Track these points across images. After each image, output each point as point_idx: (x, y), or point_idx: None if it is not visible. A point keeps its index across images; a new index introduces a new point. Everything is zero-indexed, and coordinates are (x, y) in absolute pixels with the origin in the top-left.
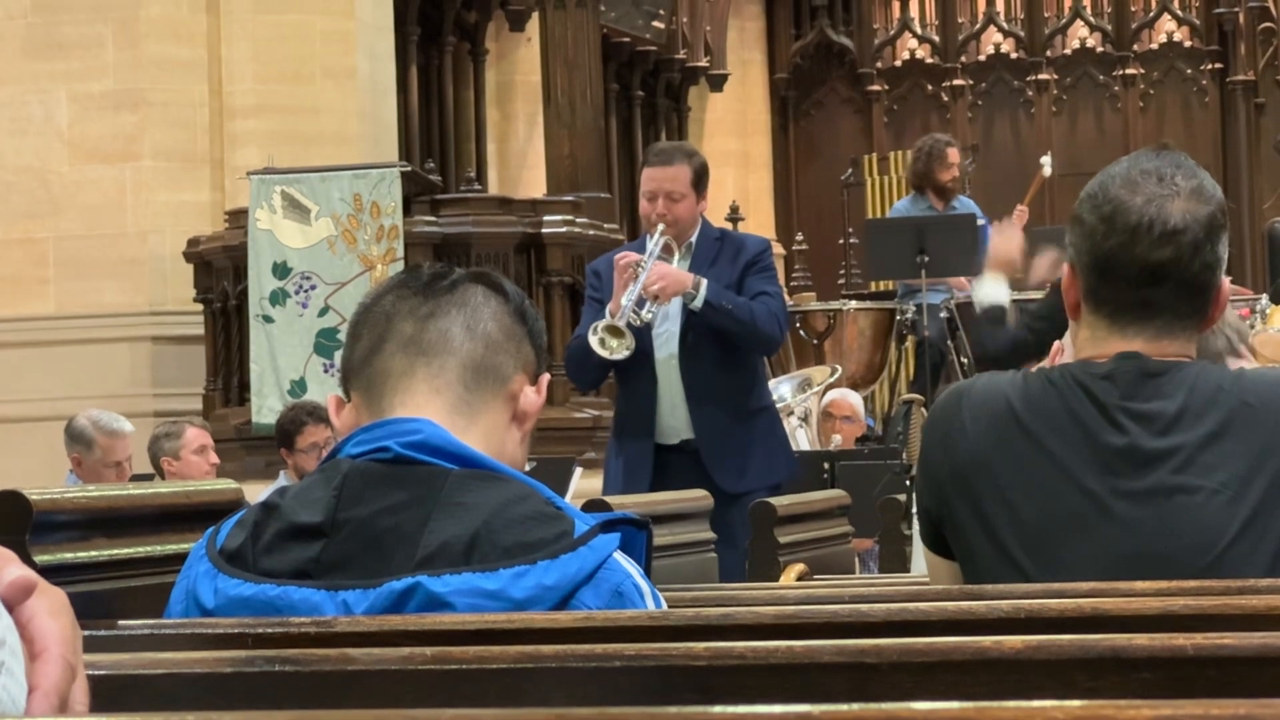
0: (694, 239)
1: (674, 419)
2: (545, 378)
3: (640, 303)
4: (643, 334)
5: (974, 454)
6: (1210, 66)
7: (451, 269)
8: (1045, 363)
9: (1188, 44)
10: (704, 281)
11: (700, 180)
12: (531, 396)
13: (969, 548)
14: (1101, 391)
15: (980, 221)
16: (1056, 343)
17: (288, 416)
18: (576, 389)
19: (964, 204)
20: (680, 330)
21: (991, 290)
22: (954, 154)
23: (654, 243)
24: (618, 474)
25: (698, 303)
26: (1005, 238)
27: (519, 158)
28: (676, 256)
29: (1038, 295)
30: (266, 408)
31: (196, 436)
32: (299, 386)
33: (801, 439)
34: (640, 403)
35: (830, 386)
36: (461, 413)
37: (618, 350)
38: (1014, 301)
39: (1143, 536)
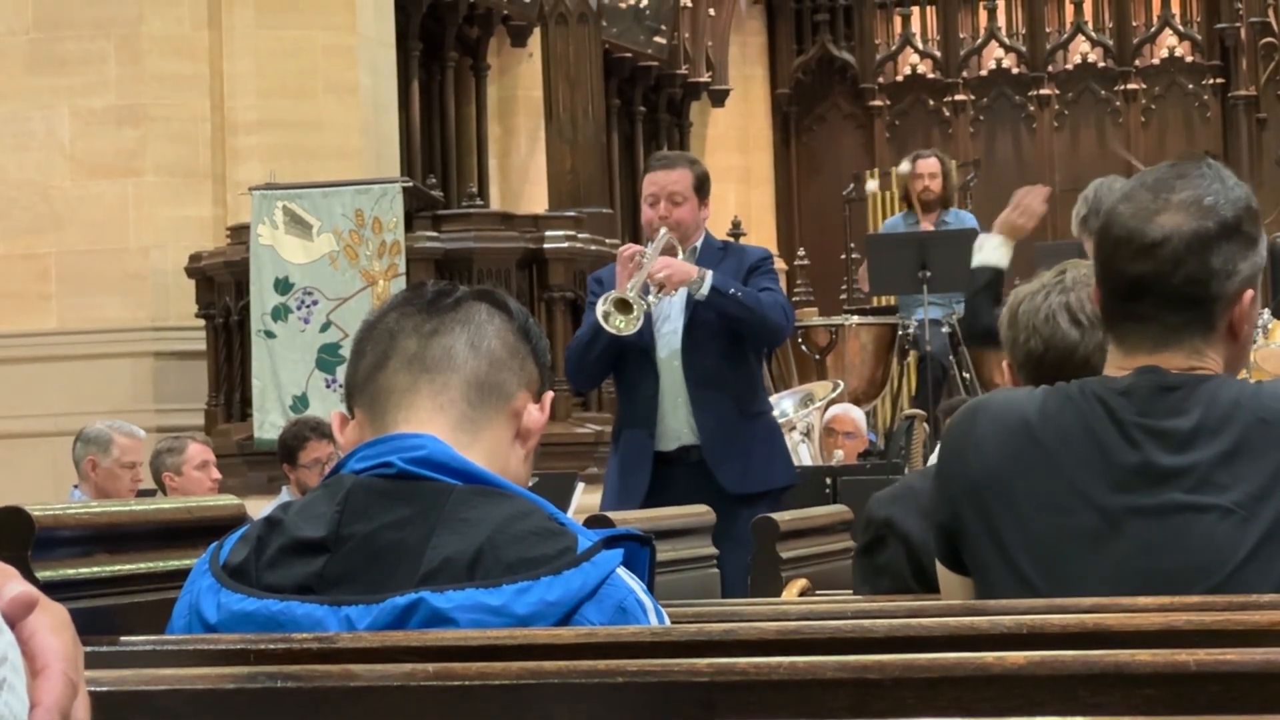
0: (698, 245)
1: (675, 419)
2: (549, 395)
3: (645, 290)
4: (645, 333)
5: (988, 469)
6: (1212, 81)
7: (456, 286)
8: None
9: (1189, 59)
10: (709, 271)
11: (702, 186)
12: (535, 414)
13: (981, 563)
14: (1119, 407)
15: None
16: (1006, 361)
17: (290, 432)
18: (575, 391)
19: (957, 217)
20: (683, 328)
21: (994, 253)
22: (922, 165)
23: (658, 239)
24: (614, 474)
25: (704, 290)
26: (1027, 203)
27: (520, 173)
28: (680, 256)
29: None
30: (268, 423)
31: (199, 452)
32: (301, 402)
33: (803, 454)
34: (642, 403)
35: (832, 402)
36: (465, 429)
37: (626, 328)
38: None
39: (1153, 555)
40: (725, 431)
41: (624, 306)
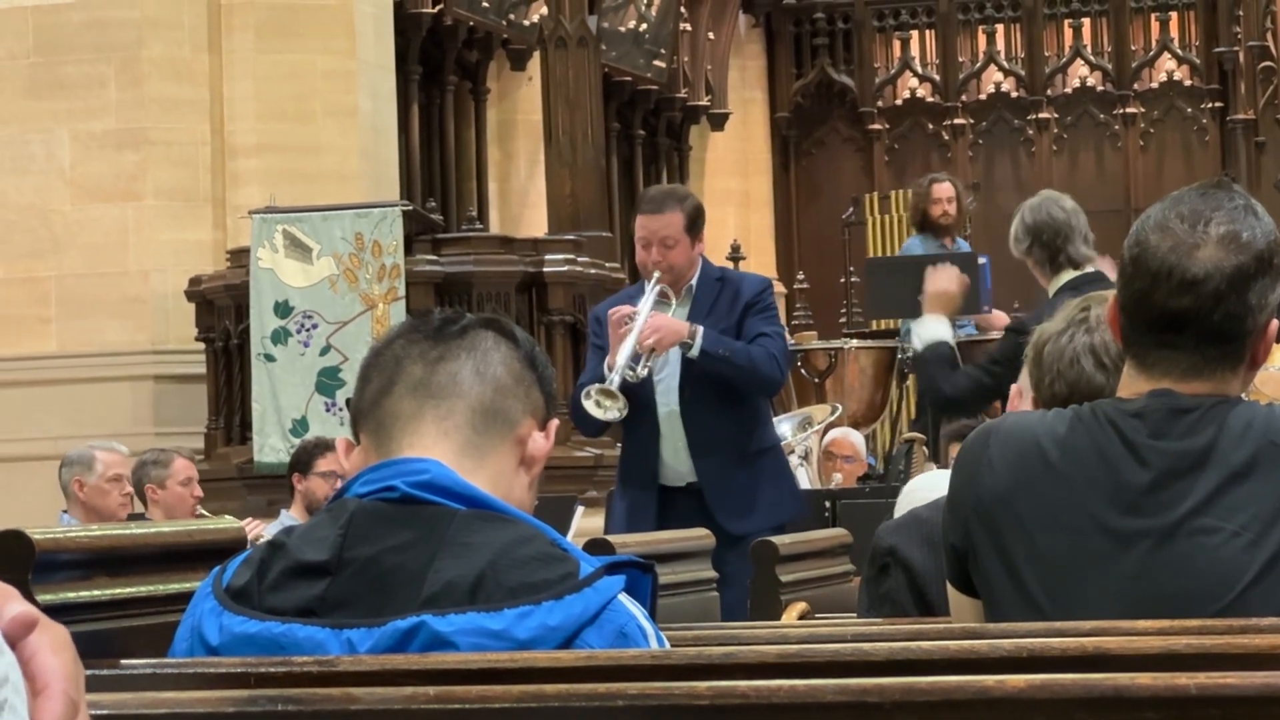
0: (694, 282)
1: (677, 464)
2: (554, 423)
3: (635, 358)
4: (643, 382)
5: (999, 491)
6: (1210, 105)
7: (462, 314)
8: (1009, 406)
9: (1188, 83)
10: (699, 330)
11: (694, 224)
12: (540, 441)
13: (990, 584)
14: (1131, 430)
15: (981, 260)
16: (1014, 386)
17: (311, 441)
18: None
19: (960, 245)
20: (680, 377)
21: (933, 328)
22: (940, 189)
23: (648, 293)
24: (622, 516)
25: (694, 352)
26: (944, 275)
27: (520, 197)
28: (674, 304)
29: (995, 336)
30: (268, 446)
31: (184, 468)
32: (301, 425)
33: (802, 478)
34: (644, 449)
35: (831, 425)
36: (470, 455)
37: (611, 410)
38: (975, 342)
39: (1160, 577)
40: (726, 476)
41: (610, 394)
